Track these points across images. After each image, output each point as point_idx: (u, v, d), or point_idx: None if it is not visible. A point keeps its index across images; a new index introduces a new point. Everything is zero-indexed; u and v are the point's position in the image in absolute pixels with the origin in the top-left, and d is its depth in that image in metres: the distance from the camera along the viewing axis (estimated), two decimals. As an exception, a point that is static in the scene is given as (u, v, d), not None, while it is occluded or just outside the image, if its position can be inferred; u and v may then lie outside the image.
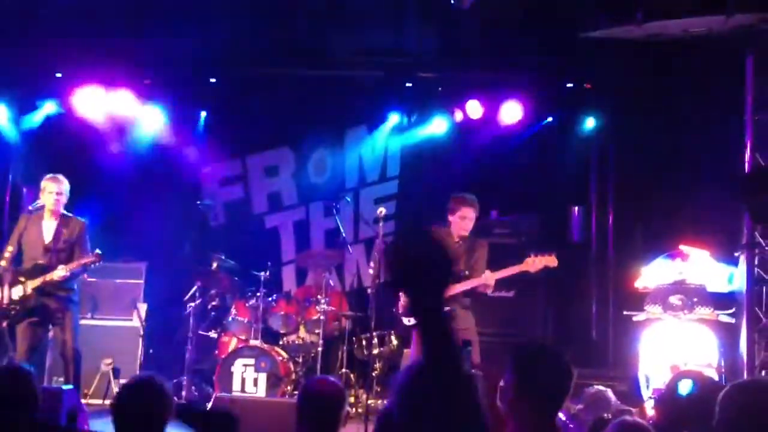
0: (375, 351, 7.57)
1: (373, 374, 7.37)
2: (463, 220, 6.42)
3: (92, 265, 6.66)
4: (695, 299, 6.32)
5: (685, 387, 5.33)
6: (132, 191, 8.67)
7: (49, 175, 6.73)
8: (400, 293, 6.27)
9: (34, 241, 6.64)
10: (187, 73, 8.60)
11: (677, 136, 7.68)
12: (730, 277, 6.49)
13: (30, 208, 6.72)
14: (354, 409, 7.21)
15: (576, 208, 8.66)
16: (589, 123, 8.67)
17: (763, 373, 5.91)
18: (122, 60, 8.29)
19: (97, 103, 8.60)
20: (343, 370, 7.74)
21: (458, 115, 8.88)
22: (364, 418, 6.29)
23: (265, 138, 9.46)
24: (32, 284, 6.48)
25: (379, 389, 7.44)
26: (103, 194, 8.31)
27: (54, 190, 6.65)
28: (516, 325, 7.51)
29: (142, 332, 7.88)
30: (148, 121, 8.86)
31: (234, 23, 7.86)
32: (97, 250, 6.59)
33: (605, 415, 5.16)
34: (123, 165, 8.74)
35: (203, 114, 9.15)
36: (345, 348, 7.82)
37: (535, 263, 6.27)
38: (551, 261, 6.26)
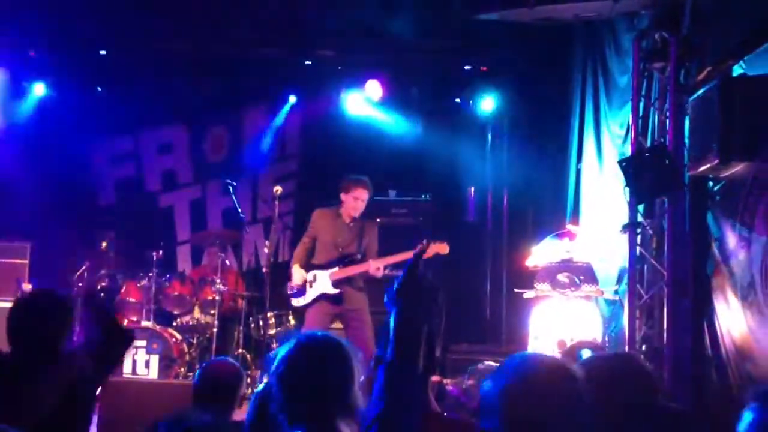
0: (271, 331, 7.52)
1: (270, 354, 7.32)
2: (356, 201, 6.46)
3: None
4: (582, 277, 6.53)
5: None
6: (15, 167, 8.28)
7: None
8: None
9: None
10: (75, 45, 8.25)
11: (567, 117, 7.91)
12: (614, 255, 6.74)
13: None
14: (250, 390, 7.14)
15: (472, 188, 8.82)
16: (486, 105, 8.80)
17: (644, 347, 6.17)
18: (4, 31, 7.88)
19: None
20: (240, 350, 7.65)
21: (358, 94, 8.88)
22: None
23: (159, 114, 9.21)
24: None
25: (275, 369, 7.40)
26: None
27: None
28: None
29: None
30: (32, 94, 8.47)
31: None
32: None
33: (494, 389, 5.29)
34: (4, 140, 8.34)
35: (94, 87, 8.81)
36: (241, 328, 7.73)
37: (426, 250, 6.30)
38: (443, 248, 6.28)
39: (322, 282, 6.47)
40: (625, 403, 2.42)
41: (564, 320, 6.48)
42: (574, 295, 6.49)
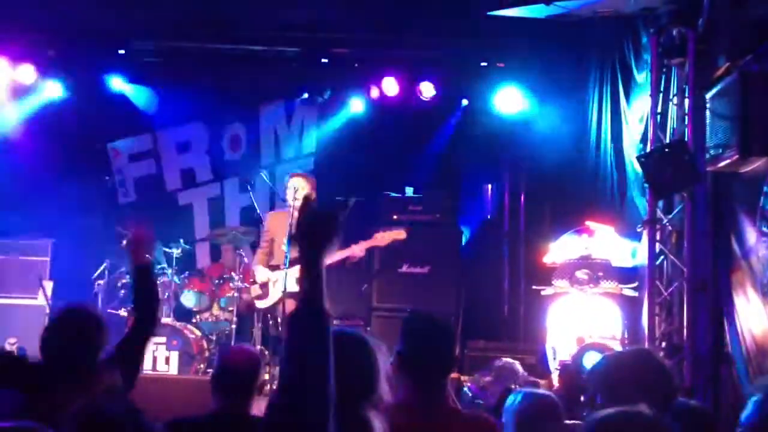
0: (290, 328, 7.55)
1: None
2: (288, 191, 6.82)
3: None
4: (600, 273, 6.51)
5: (590, 360, 5.50)
6: (37, 166, 8.37)
7: None
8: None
9: None
10: (93, 44, 8.31)
11: (585, 114, 7.88)
12: (633, 251, 6.71)
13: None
14: (269, 386, 7.19)
15: (489, 185, 8.80)
16: (502, 101, 8.76)
17: (663, 344, 6.15)
18: (25, 29, 7.96)
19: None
20: (258, 347, 7.69)
21: (374, 92, 8.89)
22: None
23: (178, 112, 9.25)
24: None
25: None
26: (5, 168, 8.02)
27: None
28: (429, 301, 7.57)
29: (48, 310, 7.64)
30: (52, 92, 8.55)
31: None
32: None
33: (513, 386, 5.30)
34: (27, 138, 8.43)
35: (113, 86, 8.85)
36: (260, 325, 7.76)
37: (384, 237, 6.78)
38: (399, 234, 6.71)
39: (287, 281, 6.63)
40: (644, 401, 2.41)
41: (583, 317, 6.47)
42: (593, 291, 6.48)
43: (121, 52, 8.45)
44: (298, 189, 6.72)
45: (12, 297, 7.79)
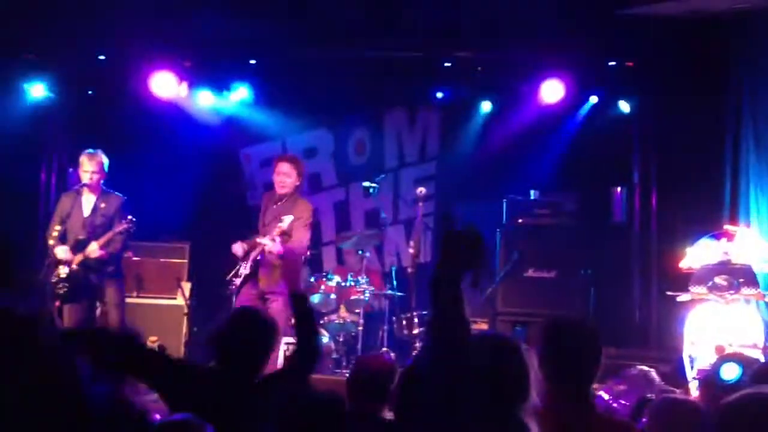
0: (415, 331, 7.61)
1: (414, 353, 7.40)
2: (278, 176, 6.87)
3: (127, 232, 6.68)
4: (741, 279, 6.22)
5: (729, 372, 5.23)
6: (177, 172, 8.77)
7: (86, 151, 6.79)
8: None
9: (75, 217, 6.74)
10: (226, 54, 8.64)
11: (720, 113, 7.54)
12: (777, 256, 6.38)
13: (76, 188, 6.86)
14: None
15: (618, 188, 8.57)
16: (631, 101, 8.51)
17: (810, 354, 5.81)
18: (162, 41, 8.36)
19: (141, 84, 8.68)
20: (384, 349, 7.78)
21: (497, 94, 8.83)
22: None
23: (305, 119, 9.49)
24: (77, 260, 6.59)
25: (419, 368, 7.46)
26: (148, 175, 8.44)
27: (89, 169, 6.72)
28: (555, 306, 7.43)
29: (186, 310, 7.99)
30: (190, 103, 8.94)
31: (274, 4, 7.89)
32: (129, 216, 6.65)
33: (648, 394, 5.13)
34: (168, 147, 8.85)
35: (244, 95, 9.15)
36: (386, 327, 7.86)
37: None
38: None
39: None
40: None
41: (722, 325, 6.19)
42: (733, 298, 6.19)
43: (252, 62, 8.73)
44: (285, 174, 6.87)
45: (152, 297, 8.19)
